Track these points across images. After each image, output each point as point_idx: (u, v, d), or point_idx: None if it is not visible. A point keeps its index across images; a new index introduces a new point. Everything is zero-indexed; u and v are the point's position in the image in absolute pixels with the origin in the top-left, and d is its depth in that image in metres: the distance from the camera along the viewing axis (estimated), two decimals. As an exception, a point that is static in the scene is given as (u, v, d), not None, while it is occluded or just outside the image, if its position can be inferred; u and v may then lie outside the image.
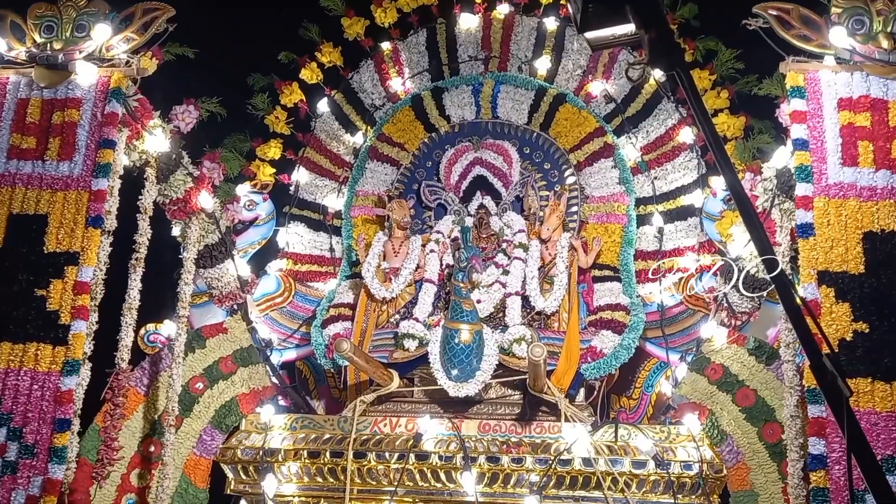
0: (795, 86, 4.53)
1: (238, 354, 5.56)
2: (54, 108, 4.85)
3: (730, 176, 2.21)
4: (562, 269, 5.64)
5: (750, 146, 5.32)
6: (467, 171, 6.19)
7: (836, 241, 4.28)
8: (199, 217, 5.32)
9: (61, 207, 4.65)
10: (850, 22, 4.56)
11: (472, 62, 6.57)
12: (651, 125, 6.20)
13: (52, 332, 4.47)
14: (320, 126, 6.62)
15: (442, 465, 4.95)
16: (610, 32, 2.35)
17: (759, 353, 4.99)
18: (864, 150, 4.40)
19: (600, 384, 5.43)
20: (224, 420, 5.41)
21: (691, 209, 5.93)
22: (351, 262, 6.16)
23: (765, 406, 4.88)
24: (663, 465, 4.79)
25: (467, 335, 5.24)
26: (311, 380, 6.13)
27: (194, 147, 5.35)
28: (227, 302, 5.72)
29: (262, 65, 6.52)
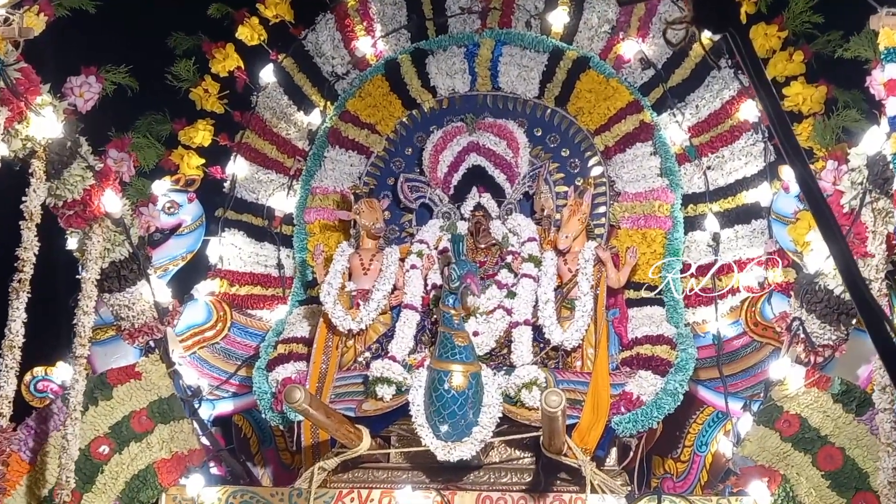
0: (892, 46, 4.56)
1: (155, 407, 5.55)
2: None
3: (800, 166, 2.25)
4: (585, 290, 5.66)
5: (833, 125, 5.36)
6: (460, 160, 6.22)
7: (948, 250, 4.32)
8: (103, 224, 5.32)
9: (-82, 213, 4.67)
10: (963, -38, 4.61)
11: (466, 16, 6.62)
12: (702, 98, 6.25)
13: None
14: (264, 102, 6.66)
15: (428, 552, 4.97)
16: (642, -20, 2.38)
17: (848, 399, 5.00)
18: (982, 133, 4.43)
19: (638, 442, 5.45)
20: (137, 495, 5.40)
21: (756, 209, 5.99)
22: (306, 283, 6.18)
23: (855, 469, 4.89)
24: (722, 549, 4.82)
25: (461, 379, 5.25)
26: (254, 440, 6.14)
27: (97, 132, 5.35)
28: (140, 337, 5.70)
29: (186, 22, 6.56)
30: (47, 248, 5.02)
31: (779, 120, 2.27)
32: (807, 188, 2.24)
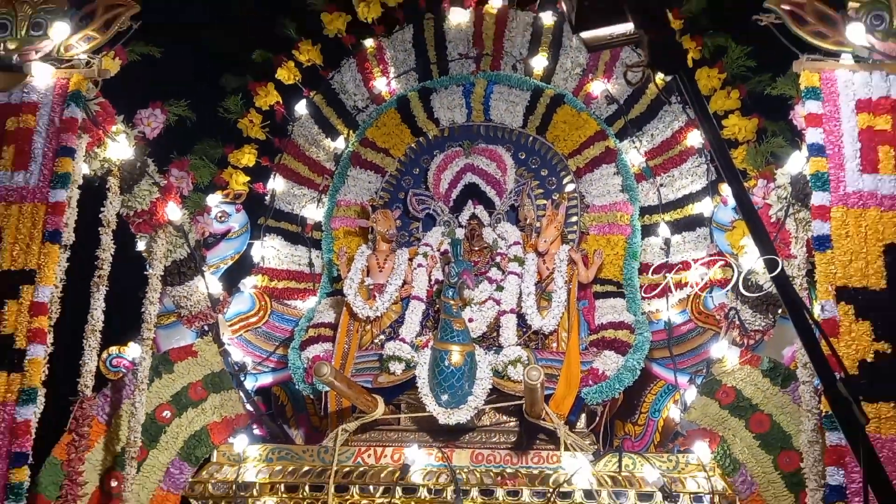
0: (810, 86, 4.54)
1: (209, 380, 5.54)
2: (8, 114, 4.82)
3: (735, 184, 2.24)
4: (560, 285, 5.65)
5: (763, 150, 5.35)
6: (458, 178, 6.21)
7: (856, 254, 4.28)
8: (167, 230, 5.32)
9: (16, 221, 4.63)
10: (869, 18, 4.59)
11: (463, 61, 6.61)
12: (656, 128, 6.24)
13: (7, 358, 4.43)
14: (298, 130, 6.64)
15: (431, 498, 4.95)
16: (607, 32, 2.36)
17: (774, 374, 5.00)
18: (884, 156, 4.40)
19: (603, 409, 5.45)
20: (193, 451, 5.39)
21: (700, 219, 5.98)
22: (332, 278, 6.16)
23: (781, 432, 4.89)
24: (671, 497, 4.79)
25: (458, 357, 5.25)
26: (289, 407, 6.12)
27: (161, 154, 5.34)
28: (196, 322, 5.70)
29: (234, 65, 6.54)
30: (120, 249, 5.02)
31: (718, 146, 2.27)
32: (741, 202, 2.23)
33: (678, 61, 2.24)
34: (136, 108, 5.17)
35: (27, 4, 5.00)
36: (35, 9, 4.99)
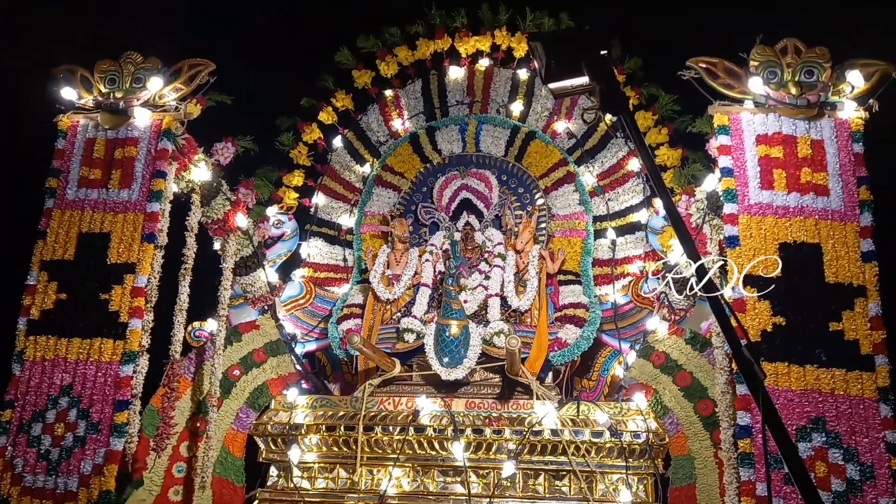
0: (721, 124, 4.55)
1: (268, 346, 5.54)
2: (116, 146, 4.84)
3: (666, 199, 2.23)
4: (533, 275, 5.65)
5: (685, 173, 5.33)
6: (455, 194, 6.20)
7: (757, 250, 4.28)
8: (236, 234, 5.32)
9: (122, 227, 4.65)
10: (765, 73, 4.59)
11: (459, 106, 6.59)
12: (605, 156, 6.22)
13: (113, 329, 4.47)
14: (335, 159, 6.63)
15: (436, 436, 4.95)
16: (569, 83, 2.36)
17: (694, 342, 5.00)
18: (778, 177, 4.41)
19: (565, 369, 5.45)
20: (257, 400, 5.40)
21: (638, 225, 5.95)
22: (360, 270, 6.15)
23: (699, 385, 4.89)
24: (617, 434, 4.80)
25: (456, 329, 5.25)
26: (328, 367, 6.12)
27: (232, 177, 5.34)
28: (259, 303, 5.71)
29: (287, 109, 6.54)
30: (201, 248, 5.03)
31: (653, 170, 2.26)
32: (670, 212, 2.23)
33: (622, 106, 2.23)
34: (213, 142, 5.17)
35: (130, 64, 5.01)
36: (136, 67, 5.01)
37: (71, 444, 4.30)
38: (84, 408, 4.36)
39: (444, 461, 4.95)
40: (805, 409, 4.01)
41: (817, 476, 3.89)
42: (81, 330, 4.50)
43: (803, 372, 4.07)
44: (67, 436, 4.32)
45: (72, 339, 4.49)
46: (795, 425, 3.99)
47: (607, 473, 4.82)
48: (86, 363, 4.44)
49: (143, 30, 5.46)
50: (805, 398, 4.02)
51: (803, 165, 4.41)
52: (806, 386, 4.04)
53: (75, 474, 4.23)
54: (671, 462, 4.83)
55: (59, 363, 4.47)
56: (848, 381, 4.04)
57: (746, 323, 4.11)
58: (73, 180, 4.82)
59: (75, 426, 4.33)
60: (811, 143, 4.44)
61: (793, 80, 4.54)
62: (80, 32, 5.88)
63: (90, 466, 4.24)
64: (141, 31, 5.41)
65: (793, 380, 4.06)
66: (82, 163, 4.85)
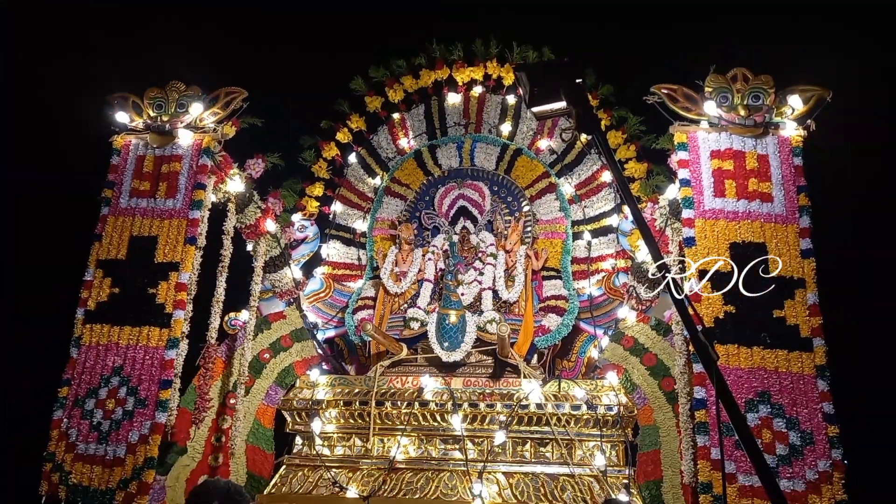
0: (681, 142, 4.55)
1: (294, 333, 5.55)
2: (163, 162, 4.84)
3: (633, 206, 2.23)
4: (520, 271, 5.65)
5: (650, 184, 5.34)
6: (454, 203, 6.20)
7: (711, 249, 4.29)
8: (266, 237, 5.33)
9: (167, 231, 4.65)
10: (718, 97, 4.59)
11: (457, 126, 6.59)
12: (581, 170, 6.22)
13: (160, 319, 4.46)
14: (350, 172, 6.62)
15: (438, 409, 4.96)
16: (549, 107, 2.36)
17: (659, 328, 5.00)
18: (729, 186, 4.41)
19: (548, 351, 5.45)
20: (284, 380, 5.40)
21: (610, 228, 5.95)
22: (372, 268, 6.16)
23: (663, 365, 4.89)
24: (593, 407, 4.80)
25: (454, 318, 5.25)
26: (346, 351, 6.12)
27: (262, 188, 5.35)
28: (285, 297, 5.71)
29: (309, 129, 6.53)
30: (236, 249, 5.03)
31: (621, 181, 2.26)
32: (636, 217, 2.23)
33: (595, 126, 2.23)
34: (246, 158, 5.17)
35: (175, 91, 5.01)
36: (180, 94, 5.00)
37: (121, 417, 4.30)
38: (133, 386, 4.36)
39: (444, 431, 4.95)
40: (752, 384, 4.02)
41: (763, 442, 3.90)
42: (132, 319, 4.50)
43: (751, 353, 4.08)
44: (118, 410, 4.32)
45: (123, 327, 4.49)
46: (744, 398, 3.99)
47: (585, 441, 4.83)
48: (135, 348, 4.44)
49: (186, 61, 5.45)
50: (752, 375, 4.03)
51: (751, 176, 4.42)
52: (753, 364, 4.05)
53: (123, 443, 4.23)
54: (639, 431, 4.84)
55: (111, 348, 4.47)
56: (790, 360, 4.04)
57: (701, 311, 4.12)
58: (125, 191, 4.82)
59: (125, 402, 4.33)
60: (757, 157, 4.45)
61: (742, 103, 4.55)
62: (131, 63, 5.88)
63: (137, 436, 4.24)
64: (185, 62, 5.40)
65: (742, 359, 4.07)
66: (133, 176, 4.85)
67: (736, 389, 3.99)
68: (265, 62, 6.99)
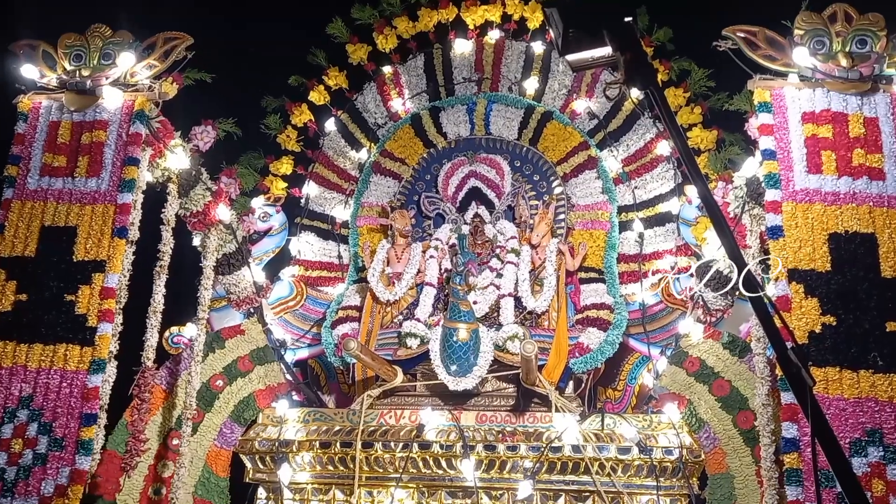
0: (762, 101, 4.53)
1: (255, 354, 5.55)
2: (83, 130, 4.86)
3: (700, 185, 2.22)
4: (551, 272, 5.63)
5: (722, 157, 5.32)
6: (463, 183, 6.19)
7: (804, 241, 4.27)
8: (218, 228, 5.33)
9: (89, 220, 4.67)
10: (812, 43, 4.57)
11: (467, 83, 6.58)
12: (631, 139, 6.20)
13: (80, 334, 4.48)
14: (328, 143, 6.63)
15: (443, 453, 4.95)
16: (589, 55, 2.34)
17: (733, 346, 4.98)
18: (827, 159, 4.40)
19: (587, 377, 5.43)
20: (242, 414, 5.40)
21: (669, 216, 5.93)
22: (357, 268, 6.15)
23: (738, 395, 4.87)
24: (646, 450, 4.79)
25: (465, 333, 5.25)
26: (323, 376, 6.12)
27: (212, 164, 5.35)
28: (244, 306, 5.71)
29: (274, 88, 6.53)
30: (179, 244, 5.04)
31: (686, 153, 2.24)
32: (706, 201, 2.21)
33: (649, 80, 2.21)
34: (191, 126, 5.18)
35: (98, 38, 5.02)
36: (105, 41, 5.02)
37: (30, 463, 4.31)
38: (46, 422, 4.37)
39: (452, 481, 4.95)
40: (860, 419, 3.99)
41: (874, 495, 3.88)
42: (44, 335, 4.51)
43: (857, 378, 4.05)
44: (26, 453, 4.33)
45: (33, 345, 4.50)
46: (849, 438, 3.97)
47: (636, 494, 4.81)
48: (49, 372, 4.45)
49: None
50: (859, 407, 4.00)
51: (855, 146, 4.39)
52: (860, 394, 4.02)
53: (34, 496, 4.24)
54: (708, 481, 4.82)
55: (17, 372, 4.48)
56: (908, 388, 4.02)
57: (792, 323, 4.10)
58: (34, 168, 4.84)
59: (35, 442, 4.34)
60: (864, 122, 4.42)
61: (843, 50, 4.52)
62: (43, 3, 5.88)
63: (52, 487, 4.25)
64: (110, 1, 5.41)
65: (845, 387, 4.04)
66: (45, 149, 4.87)
67: (838, 426, 3.97)
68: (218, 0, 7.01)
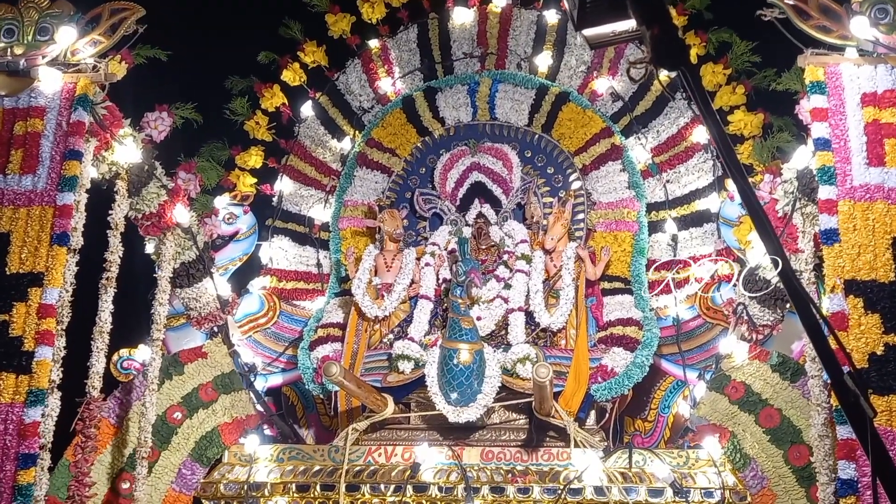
0: (815, 80, 4.54)
1: (219, 381, 5.56)
2: (16, 118, 4.85)
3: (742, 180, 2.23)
4: (568, 282, 5.64)
5: (769, 145, 5.33)
6: (464, 177, 6.21)
7: (864, 247, 4.28)
8: (175, 232, 5.33)
9: (24, 225, 4.65)
10: (873, 11, 4.57)
11: (468, 60, 6.61)
12: (662, 124, 6.23)
13: (15, 360, 4.46)
14: (304, 131, 6.65)
15: (442, 497, 4.95)
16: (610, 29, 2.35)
17: (784, 369, 4.99)
18: (891, 149, 4.40)
19: (612, 406, 5.44)
20: (205, 452, 5.40)
21: (707, 214, 5.96)
22: (340, 279, 6.17)
23: (791, 427, 4.87)
24: (682, 493, 4.79)
25: (467, 355, 5.25)
26: (299, 407, 6.12)
27: (168, 157, 5.36)
28: (206, 324, 5.72)
29: (240, 66, 6.55)
30: (129, 252, 5.04)
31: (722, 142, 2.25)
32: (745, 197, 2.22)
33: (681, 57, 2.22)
34: (144, 112, 5.19)
35: (33, 9, 5.02)
36: (41, 14, 5.01)
37: (-41, 513, 4.31)
38: (-23, 464, 4.38)
39: (452, 530, 4.96)
40: (930, 456, 4.00)
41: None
42: (-28, 362, 4.50)
43: (926, 407, 4.06)
44: (-46, 501, 4.34)
45: (-40, 374, 4.50)
46: (918, 478, 3.97)
47: (669, 544, 4.83)
48: (-21, 405, 4.45)
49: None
50: (930, 442, 4.02)
51: (925, 134, 4.42)
52: (930, 425, 4.04)
53: (-34, 557, 4.24)
54: (754, 528, 4.84)
55: (-58, 405, 4.48)
56: None
57: (850, 344, 4.10)
58: (-42, 164, 4.83)
59: (-36, 488, 4.35)
60: (935, 104, 4.44)
61: (910, 20, 4.54)
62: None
63: (-16, 543, 4.25)
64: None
65: (913, 418, 4.05)
66: (-29, 141, 4.86)
67: (904, 463, 3.97)
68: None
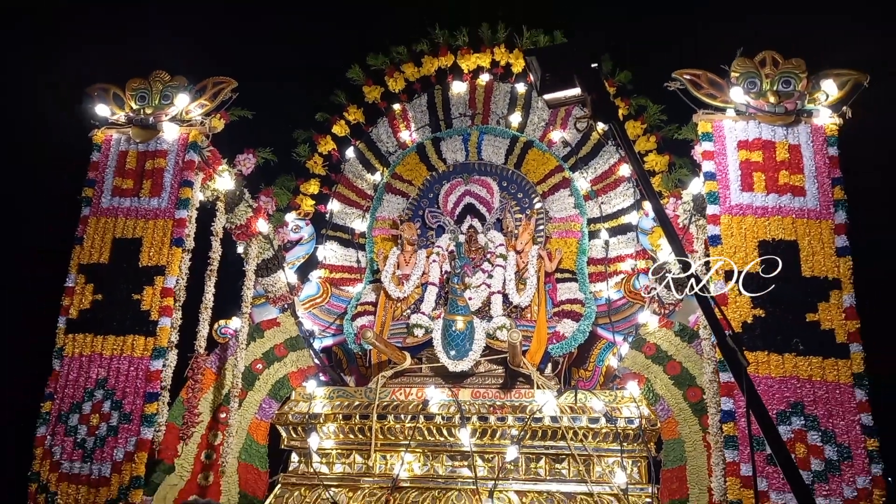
0: (705, 132, 4.54)
1: (288, 342, 5.56)
2: (147, 158, 4.86)
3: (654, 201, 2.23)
4: (532, 273, 5.64)
5: (672, 178, 5.32)
6: (460, 200, 6.20)
7: (738, 247, 4.28)
8: (258, 238, 5.33)
9: (152, 232, 4.66)
10: (745, 83, 4.58)
11: (462, 118, 6.59)
12: (598, 163, 6.21)
13: (145, 327, 4.48)
14: (348, 168, 6.64)
15: (444, 423, 4.96)
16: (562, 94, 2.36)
17: (683, 334, 4.99)
18: (757, 179, 4.40)
19: (563, 360, 5.44)
20: (278, 392, 5.41)
21: (629, 226, 5.94)
22: (373, 271, 6.16)
23: (688, 374, 4.87)
24: (612, 420, 4.79)
25: (462, 324, 5.25)
26: (344, 360, 6.13)
27: (253, 185, 5.36)
28: (279, 302, 5.72)
29: (303, 122, 6.54)
30: (226, 251, 5.04)
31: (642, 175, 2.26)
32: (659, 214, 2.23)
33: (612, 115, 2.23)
34: (236, 153, 5.18)
35: (159, 82, 5.03)
36: (164, 85, 5.02)
37: (105, 434, 4.32)
38: (117, 399, 4.39)
39: (452, 447, 4.95)
40: (784, 394, 4.00)
41: (797, 457, 3.88)
42: (116, 328, 4.51)
43: (782, 360, 4.06)
44: (102, 425, 4.34)
45: (107, 337, 4.51)
46: (776, 409, 3.98)
47: (604, 457, 4.81)
48: (119, 358, 4.46)
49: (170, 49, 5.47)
50: (784, 384, 4.01)
51: (781, 168, 4.40)
52: (785, 373, 4.03)
53: (108, 461, 4.25)
54: (663, 445, 4.82)
55: (95, 359, 4.49)
56: (824, 367, 4.02)
57: (729, 315, 4.10)
58: (107, 190, 4.84)
59: (109, 416, 4.35)
60: (789, 148, 4.43)
61: (771, 89, 4.54)
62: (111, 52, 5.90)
63: (122, 454, 4.25)
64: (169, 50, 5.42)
65: (773, 367, 4.05)
66: (115, 174, 4.87)
67: (767, 400, 3.97)
68: (256, 51, 7.01)
